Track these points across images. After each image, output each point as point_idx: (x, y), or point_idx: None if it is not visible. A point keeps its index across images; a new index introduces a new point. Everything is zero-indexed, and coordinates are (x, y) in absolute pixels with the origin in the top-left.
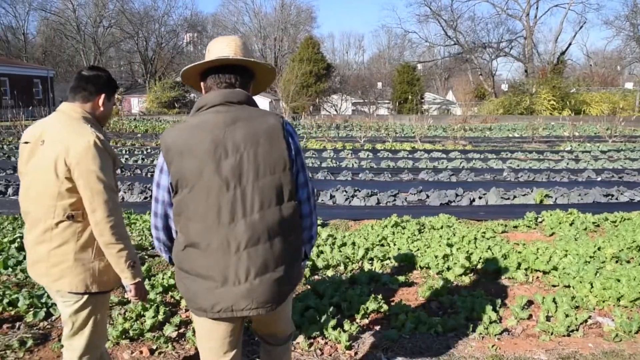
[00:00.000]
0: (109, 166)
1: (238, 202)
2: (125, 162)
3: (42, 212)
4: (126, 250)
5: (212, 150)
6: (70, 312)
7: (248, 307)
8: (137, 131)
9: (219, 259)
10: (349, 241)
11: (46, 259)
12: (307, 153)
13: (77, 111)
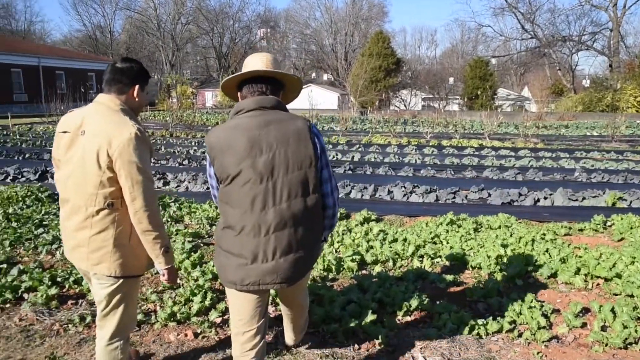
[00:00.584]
0: (147, 157)
1: (269, 192)
2: (193, 153)
3: (83, 200)
4: (161, 237)
5: (248, 148)
6: (105, 293)
7: (272, 281)
8: (208, 124)
9: (250, 240)
10: (401, 237)
11: (87, 245)
12: (370, 148)
13: (115, 103)
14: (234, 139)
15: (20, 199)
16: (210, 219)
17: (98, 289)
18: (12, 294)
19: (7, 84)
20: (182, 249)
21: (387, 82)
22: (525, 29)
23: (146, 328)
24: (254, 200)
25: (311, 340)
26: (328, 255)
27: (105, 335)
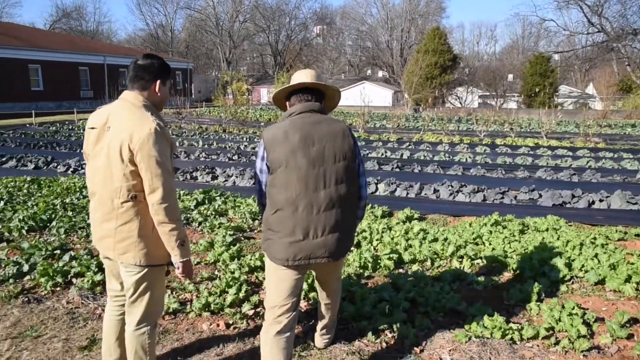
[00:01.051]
0: (167, 151)
1: (320, 177)
2: (243, 149)
3: (109, 192)
4: (177, 230)
5: (302, 141)
6: (132, 281)
7: (321, 255)
8: (261, 120)
9: (303, 218)
10: (441, 237)
11: (113, 235)
12: (420, 146)
13: (138, 99)
14: (289, 134)
15: (78, 190)
16: (253, 214)
17: (125, 277)
18: (63, 278)
19: (76, 81)
20: (222, 241)
21: (442, 79)
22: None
23: (181, 317)
24: (308, 183)
25: (340, 337)
26: (365, 252)
27: (133, 321)
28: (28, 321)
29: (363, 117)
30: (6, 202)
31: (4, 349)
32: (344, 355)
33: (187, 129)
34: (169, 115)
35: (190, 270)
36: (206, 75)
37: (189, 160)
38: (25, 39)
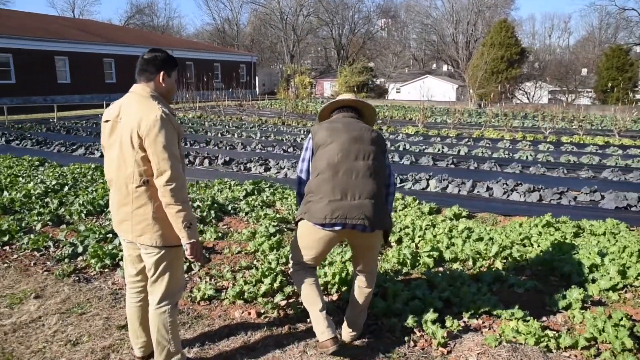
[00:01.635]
0: (173, 137)
1: (360, 151)
2: (299, 141)
3: (124, 178)
4: (184, 212)
5: (344, 125)
6: (152, 262)
7: (357, 217)
8: None
9: (343, 182)
10: (487, 236)
11: (130, 218)
12: (480, 142)
13: (145, 90)
14: (334, 123)
15: None
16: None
17: (145, 258)
18: (111, 261)
19: None
20: (265, 232)
21: (508, 74)
22: None
23: (216, 303)
24: (349, 153)
25: (367, 332)
26: (404, 249)
27: (155, 300)
28: (76, 299)
29: (423, 111)
30: (70, 187)
31: (52, 323)
32: (369, 352)
33: (247, 121)
34: (231, 107)
35: (198, 252)
36: (270, 68)
37: (245, 152)
38: (101, 35)
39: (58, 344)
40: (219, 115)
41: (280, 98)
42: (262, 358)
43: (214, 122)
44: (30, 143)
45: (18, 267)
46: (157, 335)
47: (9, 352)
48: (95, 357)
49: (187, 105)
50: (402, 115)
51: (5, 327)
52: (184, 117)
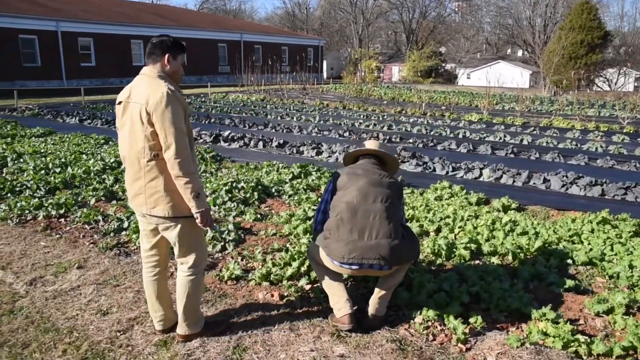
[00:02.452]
0: (179, 112)
1: (378, 194)
2: (358, 126)
3: (135, 154)
4: (191, 182)
5: (364, 171)
6: (173, 235)
7: (372, 257)
8: (385, 98)
9: (361, 223)
10: (532, 231)
11: (143, 192)
12: (547, 131)
13: (153, 71)
14: (355, 168)
15: None
16: None
17: (166, 234)
18: None
19: (215, 57)
20: (302, 215)
21: (588, 59)
22: None
23: (243, 284)
24: (367, 195)
25: (387, 322)
26: (440, 239)
27: (184, 268)
28: (113, 271)
29: (488, 98)
30: None
31: (88, 292)
32: (384, 342)
33: (308, 105)
34: (296, 90)
35: (208, 220)
36: (339, 52)
37: (301, 135)
38: (175, 19)
39: (90, 313)
40: (281, 99)
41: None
42: (275, 340)
43: (276, 105)
44: (100, 122)
45: (68, 238)
46: (186, 301)
47: (46, 317)
48: (121, 327)
49: (251, 88)
50: (468, 102)
51: (47, 293)
52: (247, 100)
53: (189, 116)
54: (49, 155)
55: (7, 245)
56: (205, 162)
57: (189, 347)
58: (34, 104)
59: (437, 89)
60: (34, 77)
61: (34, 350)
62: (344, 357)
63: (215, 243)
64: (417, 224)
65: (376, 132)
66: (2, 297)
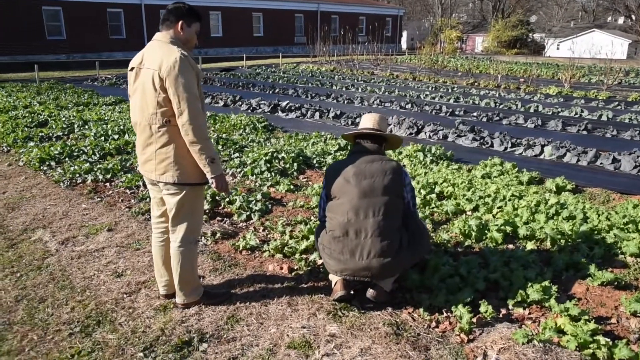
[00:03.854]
0: (192, 78)
1: (370, 207)
2: (423, 98)
3: (147, 120)
4: (206, 148)
5: (355, 175)
6: (174, 201)
7: (365, 275)
8: (460, 70)
9: (352, 243)
10: (580, 215)
11: (154, 158)
12: (633, 107)
13: (166, 37)
14: (346, 169)
15: (242, 127)
16: None
17: (168, 198)
18: None
19: (291, 27)
20: None
21: None
22: None
23: (257, 254)
24: (358, 211)
25: (392, 304)
26: (471, 219)
27: (177, 238)
28: (138, 235)
29: (570, 70)
30: None
31: (110, 254)
32: (380, 325)
33: (378, 76)
34: (369, 61)
35: (223, 185)
36: (421, 22)
37: (361, 106)
38: None
39: (106, 274)
40: (352, 70)
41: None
42: (271, 313)
43: (344, 76)
44: None
45: (108, 202)
46: (180, 271)
47: (67, 275)
48: (129, 289)
49: (323, 59)
50: (551, 75)
51: (74, 252)
52: (317, 70)
53: (201, 81)
54: (110, 123)
55: (54, 206)
56: (256, 131)
57: (185, 314)
58: (113, 74)
59: (520, 60)
60: (120, 48)
61: (47, 305)
62: (334, 336)
63: (241, 212)
64: (453, 201)
65: (439, 105)
66: (35, 253)
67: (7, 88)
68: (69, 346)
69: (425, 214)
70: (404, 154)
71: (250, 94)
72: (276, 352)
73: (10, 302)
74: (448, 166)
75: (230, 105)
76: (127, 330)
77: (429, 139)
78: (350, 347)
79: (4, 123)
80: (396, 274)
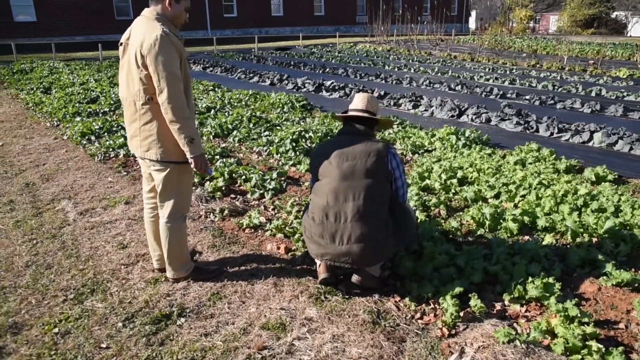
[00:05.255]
0: (173, 57)
1: (350, 190)
2: (477, 79)
3: (132, 96)
4: (185, 128)
5: (338, 157)
6: (160, 178)
7: (345, 261)
8: (526, 51)
9: (331, 226)
10: (611, 208)
11: (138, 134)
12: None
13: (152, 13)
14: (330, 150)
15: (280, 105)
16: (417, 147)
17: (155, 174)
18: (199, 178)
19: (353, 7)
20: None
21: None
22: None
23: (259, 233)
24: (338, 194)
25: (381, 290)
26: (486, 207)
27: (164, 215)
28: None
29: None
30: (217, 110)
31: (120, 227)
32: (360, 312)
33: (435, 56)
34: (428, 41)
35: (202, 165)
36: (491, 1)
37: (409, 87)
38: None
39: (111, 245)
40: (409, 50)
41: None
42: (255, 292)
43: (399, 56)
44: (220, 70)
45: (133, 176)
46: (168, 247)
47: (77, 244)
48: (129, 261)
49: (381, 38)
50: (627, 56)
51: (89, 223)
52: (373, 50)
53: (185, 61)
54: None
55: (84, 178)
56: (294, 110)
57: (172, 288)
58: None
59: (597, 40)
60: (183, 27)
61: (52, 272)
62: (311, 320)
63: (254, 190)
64: (474, 187)
65: (490, 87)
66: (54, 222)
67: (72, 66)
68: (60, 312)
69: (440, 199)
70: (437, 136)
71: (300, 73)
72: (249, 332)
73: (21, 267)
74: (481, 150)
75: (276, 84)
76: (116, 300)
77: (470, 122)
78: (323, 332)
79: (59, 99)
80: (380, 261)
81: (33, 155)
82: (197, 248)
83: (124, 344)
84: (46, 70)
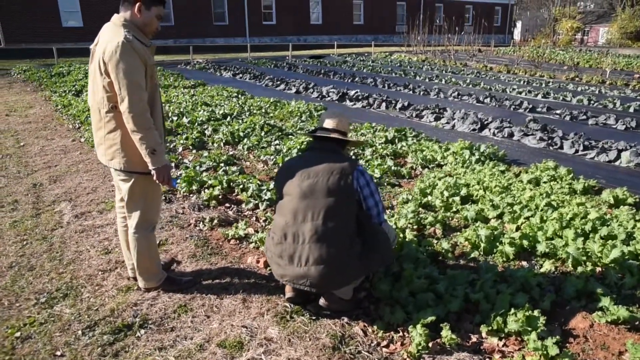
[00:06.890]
0: (136, 65)
1: (309, 209)
2: (509, 92)
3: (97, 103)
4: (146, 139)
5: (299, 174)
6: (126, 188)
7: (303, 283)
8: (568, 63)
9: (289, 248)
10: (622, 235)
11: (103, 142)
12: None
13: (120, 19)
14: (293, 167)
15: (298, 114)
16: (427, 161)
17: (120, 184)
18: (197, 186)
19: (392, 16)
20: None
21: None
22: None
23: (244, 245)
24: (296, 214)
25: (352, 313)
26: (481, 229)
27: (132, 224)
28: None
29: None
30: (233, 117)
31: (109, 232)
32: (323, 335)
33: (470, 68)
34: (466, 52)
35: (165, 177)
36: (539, 12)
37: (436, 99)
38: None
39: (95, 250)
40: (444, 60)
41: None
42: (222, 308)
43: (433, 67)
44: (249, 77)
45: None
46: (137, 258)
47: (63, 247)
48: (108, 267)
49: (417, 48)
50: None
51: (81, 227)
52: (407, 60)
53: (152, 69)
54: (174, 105)
55: (90, 181)
56: (312, 119)
57: (142, 297)
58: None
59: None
60: (222, 34)
61: (32, 274)
62: (270, 341)
63: (249, 200)
64: (476, 207)
65: (520, 100)
66: (48, 224)
67: None
68: (28, 315)
69: (437, 218)
70: (450, 150)
71: (327, 82)
72: (205, 349)
73: (4, 267)
74: (494, 167)
75: (302, 92)
76: (84, 307)
77: (492, 137)
78: (280, 354)
79: (85, 102)
80: (344, 285)
81: (48, 157)
82: (177, 257)
83: (79, 353)
84: (82, 73)
